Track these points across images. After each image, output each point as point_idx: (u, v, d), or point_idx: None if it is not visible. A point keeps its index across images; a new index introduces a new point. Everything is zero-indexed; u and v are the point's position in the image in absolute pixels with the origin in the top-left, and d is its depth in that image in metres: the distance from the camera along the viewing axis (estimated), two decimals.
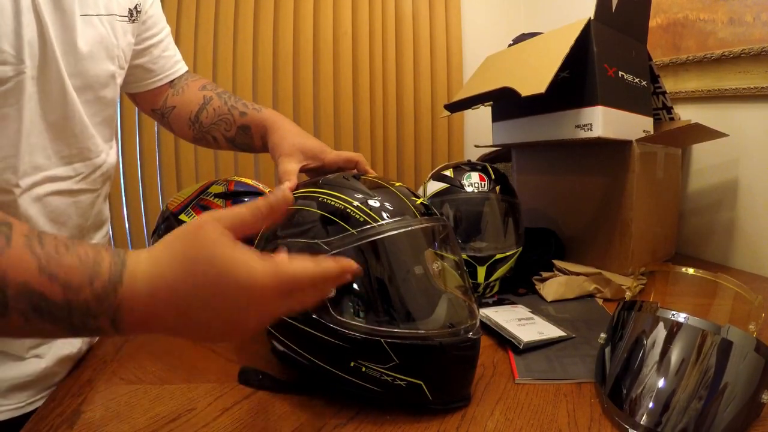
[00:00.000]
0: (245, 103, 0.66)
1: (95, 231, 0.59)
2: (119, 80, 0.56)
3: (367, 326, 0.43)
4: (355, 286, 0.44)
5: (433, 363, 0.44)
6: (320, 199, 0.47)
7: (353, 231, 0.43)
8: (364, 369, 0.43)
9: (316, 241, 0.44)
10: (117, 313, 0.28)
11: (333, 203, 0.46)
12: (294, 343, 0.47)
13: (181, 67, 0.70)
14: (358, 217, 0.44)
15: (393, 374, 0.43)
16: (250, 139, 0.64)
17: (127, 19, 0.55)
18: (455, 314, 0.50)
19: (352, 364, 0.43)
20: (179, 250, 0.30)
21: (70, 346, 0.55)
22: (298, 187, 0.53)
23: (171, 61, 0.67)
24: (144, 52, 0.62)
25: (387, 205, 0.46)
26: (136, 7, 0.56)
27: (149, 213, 1.31)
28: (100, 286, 0.28)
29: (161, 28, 0.65)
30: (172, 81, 0.68)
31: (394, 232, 0.44)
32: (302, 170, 0.59)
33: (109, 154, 0.57)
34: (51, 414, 0.44)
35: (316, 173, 0.60)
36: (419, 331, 0.45)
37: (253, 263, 0.29)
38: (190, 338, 0.36)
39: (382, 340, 0.42)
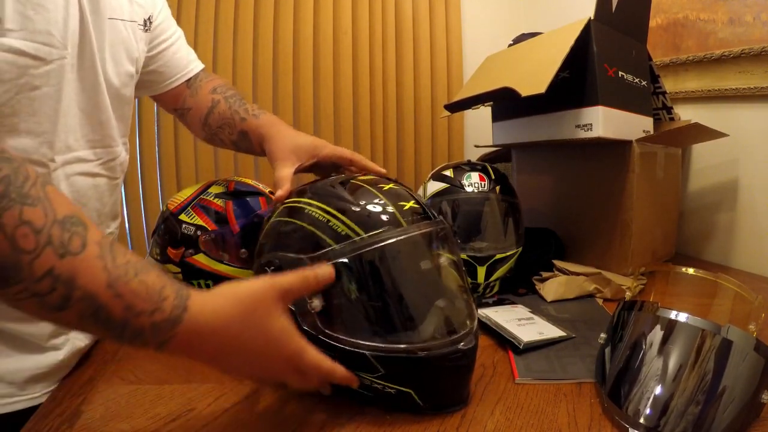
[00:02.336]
0: (247, 108, 0.68)
1: (112, 220, 0.62)
2: (134, 82, 0.61)
3: (351, 339, 0.43)
4: (338, 300, 0.44)
5: (420, 374, 0.44)
6: (305, 210, 0.47)
7: (335, 246, 0.43)
8: (359, 376, 0.44)
9: (300, 256, 0.44)
10: (166, 343, 0.34)
11: (316, 215, 0.46)
12: None
13: (195, 66, 0.72)
14: (339, 230, 0.44)
15: (382, 383, 0.43)
16: (250, 144, 0.67)
17: (143, 27, 0.60)
18: (445, 324, 0.48)
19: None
20: (239, 312, 0.36)
21: (86, 339, 0.56)
22: (290, 194, 0.53)
23: (183, 62, 0.70)
24: (156, 57, 0.66)
25: (370, 216, 0.45)
26: (149, 18, 0.61)
27: (149, 213, 1.31)
28: (159, 319, 0.32)
29: (171, 33, 0.68)
30: (188, 80, 0.71)
31: (373, 248, 0.43)
32: (299, 171, 0.60)
33: (122, 148, 0.61)
34: (51, 414, 0.44)
35: (316, 170, 0.63)
36: (401, 346, 0.43)
37: (293, 340, 0.39)
38: (219, 371, 0.41)
39: (366, 353, 0.42)
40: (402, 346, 0.43)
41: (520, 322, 0.63)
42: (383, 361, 0.43)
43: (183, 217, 0.70)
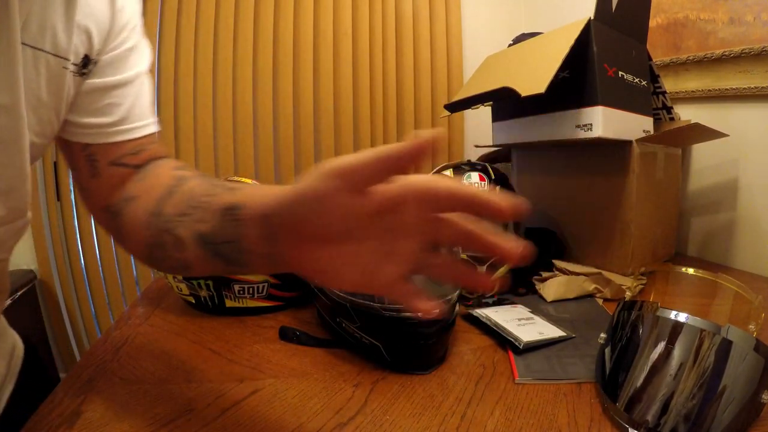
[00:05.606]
0: (236, 181, 0.44)
1: None
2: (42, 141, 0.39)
3: (338, 293, 0.57)
4: None
5: (384, 331, 0.54)
6: None
7: None
8: (344, 325, 0.57)
9: None
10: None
11: None
12: (321, 308, 0.64)
13: (153, 126, 0.46)
14: None
15: (360, 333, 0.56)
16: (237, 228, 0.34)
17: (75, 69, 0.38)
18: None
19: (337, 319, 0.58)
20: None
21: None
22: None
23: (142, 114, 0.45)
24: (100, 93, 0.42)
25: None
26: (94, 57, 0.40)
27: None
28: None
29: (134, 74, 0.44)
30: (140, 163, 0.44)
31: None
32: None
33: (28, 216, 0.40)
34: (51, 414, 0.44)
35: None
36: (369, 303, 0.54)
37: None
38: None
39: (347, 304, 0.55)
40: (369, 303, 0.54)
41: (520, 322, 0.63)
42: (358, 313, 0.55)
43: None
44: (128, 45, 0.42)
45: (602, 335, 0.51)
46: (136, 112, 0.44)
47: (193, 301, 0.72)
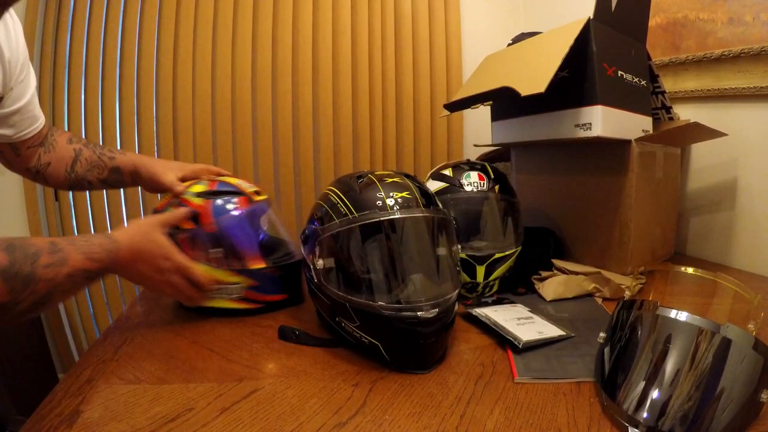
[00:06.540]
0: (110, 150, 0.78)
1: None
2: None
3: (337, 291, 0.57)
4: (332, 261, 0.58)
5: (383, 330, 0.54)
6: (328, 194, 0.62)
7: (336, 221, 0.58)
8: (343, 324, 0.57)
9: (316, 227, 0.61)
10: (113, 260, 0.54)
11: (333, 198, 0.61)
12: (321, 307, 0.63)
13: (42, 123, 0.70)
14: (342, 210, 0.58)
15: (359, 332, 0.56)
16: (121, 177, 0.77)
17: None
18: (412, 294, 0.57)
19: (337, 319, 0.58)
20: (139, 239, 0.58)
21: None
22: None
23: (32, 120, 0.68)
24: (8, 118, 0.64)
25: (364, 201, 0.58)
26: (3, 94, 0.58)
27: (148, 213, 1.31)
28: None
29: (27, 98, 0.65)
30: (41, 139, 0.71)
31: (357, 224, 0.57)
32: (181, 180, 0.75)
33: None
34: (50, 414, 0.44)
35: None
36: (368, 302, 0.54)
37: (166, 248, 0.60)
38: (138, 280, 0.60)
39: (347, 304, 0.55)
40: (369, 302, 0.54)
41: (520, 322, 0.64)
42: (358, 313, 0.55)
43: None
44: (24, 74, 0.62)
45: (601, 334, 0.51)
46: (37, 114, 0.67)
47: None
